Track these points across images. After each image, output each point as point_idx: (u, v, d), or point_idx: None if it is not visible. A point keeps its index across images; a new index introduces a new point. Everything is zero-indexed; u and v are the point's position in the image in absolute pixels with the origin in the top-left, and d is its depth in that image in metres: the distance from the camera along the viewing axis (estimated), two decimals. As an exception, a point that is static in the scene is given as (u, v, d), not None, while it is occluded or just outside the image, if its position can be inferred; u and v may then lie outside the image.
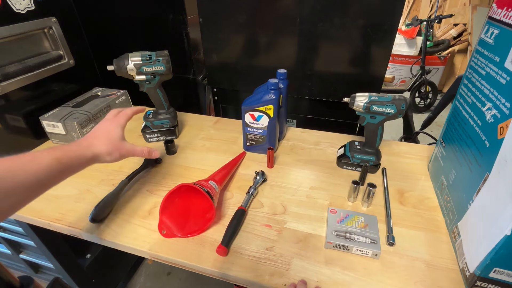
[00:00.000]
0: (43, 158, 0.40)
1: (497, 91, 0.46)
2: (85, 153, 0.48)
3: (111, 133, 0.53)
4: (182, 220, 0.57)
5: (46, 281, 0.49)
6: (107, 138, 0.52)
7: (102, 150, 0.51)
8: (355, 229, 0.54)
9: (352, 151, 0.71)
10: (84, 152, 0.48)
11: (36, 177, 0.38)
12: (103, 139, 0.52)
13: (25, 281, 0.24)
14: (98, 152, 0.50)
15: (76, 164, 0.46)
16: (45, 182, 0.41)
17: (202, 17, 0.93)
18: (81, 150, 0.47)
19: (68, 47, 0.90)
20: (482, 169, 0.46)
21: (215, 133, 0.89)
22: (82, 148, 0.48)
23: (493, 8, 0.50)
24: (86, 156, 0.48)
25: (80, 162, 0.47)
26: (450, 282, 0.47)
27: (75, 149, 0.47)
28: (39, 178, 0.39)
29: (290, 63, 0.93)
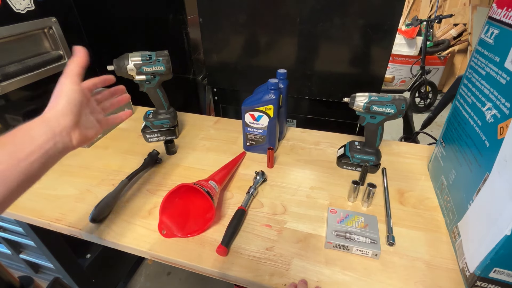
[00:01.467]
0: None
1: (497, 91, 0.46)
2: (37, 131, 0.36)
3: (66, 92, 0.40)
4: (182, 220, 0.57)
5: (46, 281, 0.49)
6: (64, 98, 0.40)
7: (58, 108, 0.39)
8: (355, 229, 0.54)
9: (352, 151, 0.71)
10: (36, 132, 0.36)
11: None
12: (61, 101, 0.39)
13: (25, 281, 0.23)
14: (50, 115, 0.38)
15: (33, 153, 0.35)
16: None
17: (202, 17, 0.93)
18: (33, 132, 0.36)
19: (68, 47, 0.90)
20: (482, 169, 0.46)
21: (215, 133, 0.89)
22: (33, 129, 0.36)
23: (493, 8, 0.50)
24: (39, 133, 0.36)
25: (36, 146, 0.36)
26: (450, 282, 0.47)
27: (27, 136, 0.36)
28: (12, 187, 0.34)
29: (290, 63, 0.93)
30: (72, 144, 0.40)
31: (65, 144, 0.39)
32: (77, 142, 0.41)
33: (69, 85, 0.41)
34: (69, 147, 0.40)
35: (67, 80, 0.41)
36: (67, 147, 0.40)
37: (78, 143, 0.41)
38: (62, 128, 0.39)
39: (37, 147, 0.36)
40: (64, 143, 0.39)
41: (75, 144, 0.41)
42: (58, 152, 0.39)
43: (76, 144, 0.41)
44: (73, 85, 0.41)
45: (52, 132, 0.38)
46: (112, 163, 0.76)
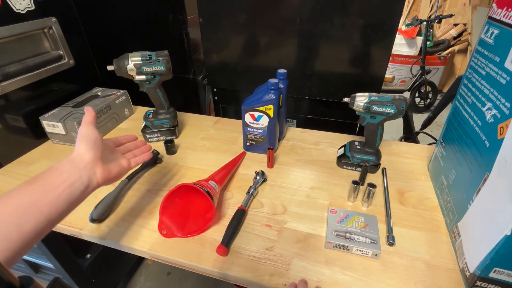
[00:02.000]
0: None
1: (497, 91, 0.46)
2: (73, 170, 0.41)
3: (84, 135, 0.46)
4: (182, 220, 0.57)
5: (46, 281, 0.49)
6: (84, 140, 0.45)
7: (81, 149, 0.44)
8: (355, 229, 0.54)
9: (352, 151, 0.71)
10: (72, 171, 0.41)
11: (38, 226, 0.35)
12: (81, 143, 0.45)
13: (25, 281, 0.23)
14: (86, 158, 0.43)
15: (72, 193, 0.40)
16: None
17: (202, 17, 0.93)
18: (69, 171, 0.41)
19: (68, 47, 0.90)
20: (482, 169, 0.46)
21: (215, 133, 0.89)
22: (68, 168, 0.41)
23: (493, 8, 0.50)
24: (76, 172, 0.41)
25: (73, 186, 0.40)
26: (450, 282, 0.47)
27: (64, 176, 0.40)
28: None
29: (290, 63, 0.93)
30: (97, 178, 0.44)
31: (90, 177, 0.43)
32: (101, 176, 0.45)
33: (86, 129, 0.47)
34: (94, 182, 0.44)
35: (83, 127, 0.47)
36: (92, 182, 0.43)
37: (102, 178, 0.45)
38: (85, 164, 0.43)
39: (63, 181, 0.40)
40: (89, 177, 0.43)
41: (99, 179, 0.44)
42: (84, 186, 0.42)
43: (100, 178, 0.44)
44: (89, 129, 0.47)
45: (77, 167, 0.42)
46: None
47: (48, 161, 0.78)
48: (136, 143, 0.59)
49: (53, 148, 0.83)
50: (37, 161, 0.78)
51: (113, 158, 0.50)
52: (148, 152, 0.58)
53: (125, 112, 0.97)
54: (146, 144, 0.60)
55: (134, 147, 0.57)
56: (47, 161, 0.77)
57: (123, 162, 0.51)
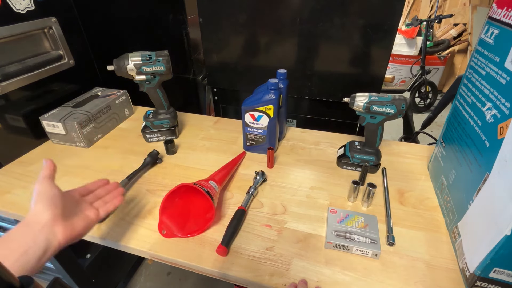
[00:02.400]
0: None
1: (497, 91, 0.46)
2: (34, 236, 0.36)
3: (40, 193, 0.41)
4: (182, 220, 0.57)
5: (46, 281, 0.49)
6: (40, 199, 0.40)
7: (36, 209, 0.39)
8: (355, 229, 0.54)
9: (352, 151, 0.71)
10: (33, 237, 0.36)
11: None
12: (37, 203, 0.40)
13: (25, 281, 0.23)
14: (45, 219, 0.38)
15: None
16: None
17: (202, 17, 0.93)
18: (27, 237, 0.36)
19: (68, 47, 0.90)
20: (482, 169, 0.46)
21: (215, 133, 0.89)
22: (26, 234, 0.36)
23: (493, 8, 0.50)
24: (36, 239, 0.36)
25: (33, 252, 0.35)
26: (450, 282, 0.47)
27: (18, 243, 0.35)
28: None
29: (290, 63, 0.93)
30: (57, 239, 0.39)
31: (48, 240, 0.38)
32: (63, 236, 0.40)
33: (42, 186, 0.41)
34: (54, 243, 0.39)
35: (39, 183, 0.42)
36: (51, 244, 0.38)
37: (65, 237, 0.40)
38: (42, 225, 0.38)
39: (13, 250, 0.35)
40: (47, 239, 0.38)
41: (61, 238, 0.39)
42: (41, 251, 0.37)
43: (62, 237, 0.39)
44: (45, 185, 0.41)
45: (32, 232, 0.37)
46: (112, 163, 0.76)
47: (48, 161, 0.77)
48: (107, 188, 0.53)
49: (53, 148, 0.83)
50: (37, 161, 0.78)
51: (78, 211, 0.44)
52: (120, 197, 0.52)
53: (125, 112, 0.97)
54: (119, 187, 0.55)
55: (105, 193, 0.52)
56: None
57: (89, 213, 0.45)
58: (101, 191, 0.52)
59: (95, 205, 0.48)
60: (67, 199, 0.43)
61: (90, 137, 0.83)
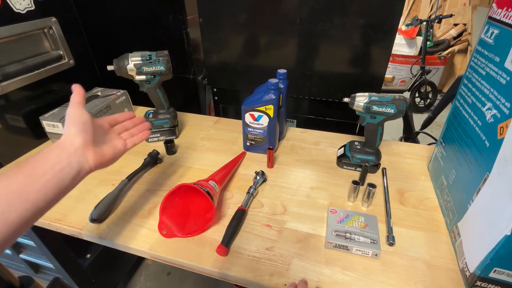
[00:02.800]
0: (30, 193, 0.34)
1: (497, 91, 0.46)
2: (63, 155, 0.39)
3: (72, 117, 0.43)
4: (182, 220, 0.57)
5: (46, 281, 0.49)
6: (73, 123, 0.42)
7: (70, 132, 0.42)
8: (355, 229, 0.54)
9: (352, 151, 0.71)
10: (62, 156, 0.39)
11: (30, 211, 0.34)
12: (70, 126, 0.42)
13: (25, 281, 0.23)
14: (76, 142, 0.41)
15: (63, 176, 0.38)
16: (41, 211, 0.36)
17: (202, 17, 0.93)
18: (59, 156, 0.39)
19: (68, 47, 0.90)
20: (482, 169, 0.46)
21: (215, 133, 0.89)
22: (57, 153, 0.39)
23: (493, 8, 0.50)
24: (66, 158, 0.39)
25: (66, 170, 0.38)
26: (450, 282, 0.47)
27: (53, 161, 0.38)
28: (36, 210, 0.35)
29: (290, 63, 0.93)
30: (89, 163, 0.42)
31: (81, 163, 0.40)
32: (93, 161, 0.42)
33: (74, 111, 0.43)
34: (85, 167, 0.41)
35: (71, 108, 0.44)
36: (83, 167, 0.41)
37: (95, 163, 0.42)
38: (75, 148, 0.40)
39: (51, 166, 0.37)
40: (80, 162, 0.40)
41: (92, 163, 0.42)
42: (75, 172, 0.40)
43: (92, 162, 0.42)
44: (77, 111, 0.44)
45: (66, 153, 0.39)
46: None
47: (48, 161, 0.78)
48: (134, 121, 0.55)
49: (53, 148, 0.83)
50: (37, 161, 0.78)
51: (107, 140, 0.47)
52: (147, 131, 0.55)
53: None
54: (145, 121, 0.56)
55: (132, 125, 0.54)
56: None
57: (118, 143, 0.48)
58: (129, 124, 0.54)
59: (123, 136, 0.51)
60: (97, 126, 0.46)
61: (90, 137, 0.83)
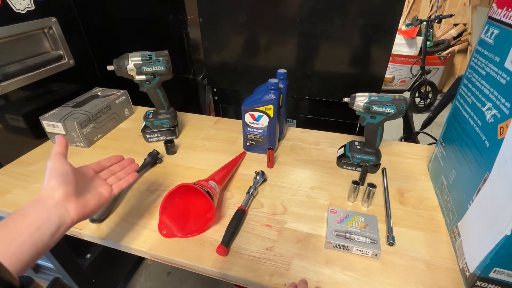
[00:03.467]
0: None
1: (497, 91, 0.46)
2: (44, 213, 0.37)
3: (52, 169, 0.41)
4: (182, 220, 0.57)
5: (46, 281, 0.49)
6: (53, 175, 0.40)
7: (50, 185, 0.39)
8: (355, 229, 0.54)
9: (352, 151, 0.71)
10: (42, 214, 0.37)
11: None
12: (51, 179, 0.40)
13: (25, 281, 0.23)
14: (57, 196, 0.39)
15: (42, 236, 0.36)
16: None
17: (202, 17, 0.93)
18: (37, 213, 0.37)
19: (68, 47, 0.90)
20: (482, 169, 0.46)
21: (215, 133, 0.89)
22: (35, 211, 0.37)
23: (493, 8, 0.50)
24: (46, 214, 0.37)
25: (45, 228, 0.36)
26: (450, 282, 0.47)
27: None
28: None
29: (290, 63, 0.93)
30: (70, 216, 0.40)
31: (61, 217, 0.38)
32: (75, 213, 0.40)
33: (55, 162, 0.41)
34: (67, 220, 0.39)
35: (52, 160, 0.42)
36: (64, 221, 0.39)
37: (77, 215, 0.40)
38: (55, 202, 0.38)
39: (28, 225, 0.35)
40: (60, 216, 0.38)
41: (74, 216, 0.40)
42: (54, 228, 0.37)
43: (74, 216, 0.40)
44: (58, 162, 0.42)
45: (45, 208, 0.37)
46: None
47: (48, 161, 0.78)
48: (122, 164, 0.53)
49: (53, 148, 0.83)
50: (37, 161, 0.78)
51: (91, 188, 0.45)
52: (134, 173, 0.53)
53: (125, 112, 0.97)
54: (133, 162, 0.55)
55: (120, 169, 0.52)
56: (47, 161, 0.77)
57: (103, 191, 0.46)
58: (116, 168, 0.52)
59: (109, 181, 0.49)
60: (79, 175, 0.44)
61: (90, 137, 0.83)
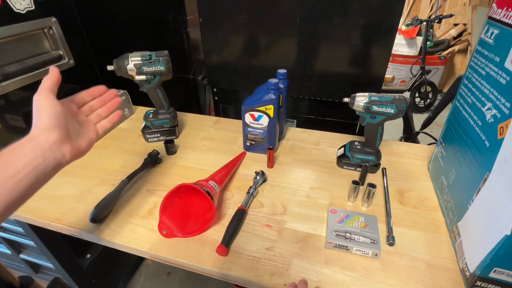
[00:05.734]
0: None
1: (497, 91, 0.46)
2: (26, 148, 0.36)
3: (43, 107, 0.40)
4: (182, 220, 0.57)
5: (46, 281, 0.49)
6: (45, 114, 0.39)
7: (42, 124, 0.38)
8: (355, 229, 0.54)
9: (352, 151, 0.71)
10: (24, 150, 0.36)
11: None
12: (42, 118, 0.39)
13: (25, 281, 0.23)
14: (37, 133, 0.38)
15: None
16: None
17: (202, 17, 0.93)
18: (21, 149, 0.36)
19: (68, 47, 0.90)
20: (482, 169, 0.46)
21: (215, 133, 0.89)
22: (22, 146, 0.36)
23: (493, 8, 0.50)
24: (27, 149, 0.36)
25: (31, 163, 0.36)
26: (450, 282, 0.47)
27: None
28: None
29: (290, 63, 0.93)
30: (65, 159, 0.40)
31: (57, 158, 0.39)
32: (70, 155, 0.41)
33: (45, 100, 0.40)
34: (62, 162, 0.40)
35: (41, 96, 0.41)
36: (60, 162, 0.39)
37: (71, 156, 0.41)
38: (51, 143, 0.38)
39: (25, 165, 0.35)
40: (56, 158, 0.38)
41: (68, 158, 0.40)
42: (51, 168, 0.38)
43: (69, 157, 0.40)
44: (49, 100, 0.40)
45: (40, 149, 0.37)
46: (112, 163, 0.76)
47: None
48: (103, 99, 0.50)
49: (53, 148, 0.83)
50: (37, 161, 0.78)
51: (81, 130, 0.44)
52: (118, 111, 0.50)
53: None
54: (116, 97, 0.52)
55: (100, 105, 0.50)
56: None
57: (91, 133, 0.46)
58: (96, 103, 0.50)
59: (91, 119, 0.48)
60: (68, 116, 0.43)
61: (90, 137, 0.83)
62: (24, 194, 0.35)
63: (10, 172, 0.34)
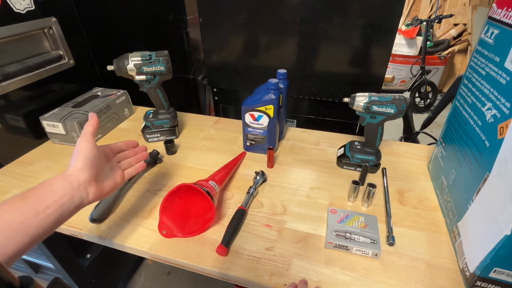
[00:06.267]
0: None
1: (497, 91, 0.46)
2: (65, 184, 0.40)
3: (82, 150, 0.44)
4: (182, 220, 0.57)
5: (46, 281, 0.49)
6: (82, 156, 0.43)
7: (77, 166, 0.42)
8: (355, 229, 0.54)
9: (352, 151, 0.71)
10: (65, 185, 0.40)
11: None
12: (79, 159, 0.43)
13: (25, 281, 0.23)
14: (73, 171, 0.42)
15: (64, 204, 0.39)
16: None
17: (202, 17, 0.93)
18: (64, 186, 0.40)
19: (68, 47, 0.90)
20: (482, 169, 0.46)
21: (215, 133, 0.89)
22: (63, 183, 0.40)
23: (493, 8, 0.50)
24: (68, 187, 0.40)
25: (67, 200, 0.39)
26: (450, 282, 0.47)
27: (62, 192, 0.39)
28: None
29: (290, 63, 0.93)
30: (88, 199, 0.43)
31: (82, 198, 0.41)
32: (93, 195, 0.43)
33: (85, 144, 0.44)
34: (85, 201, 0.42)
35: (83, 140, 0.45)
36: (83, 202, 0.42)
37: (94, 197, 0.43)
38: (80, 183, 0.41)
39: (55, 201, 0.38)
40: (81, 197, 0.41)
41: (91, 198, 0.43)
42: (74, 206, 0.40)
43: (92, 198, 0.43)
44: (88, 144, 0.44)
45: (70, 187, 0.40)
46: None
47: (48, 161, 0.78)
48: (136, 150, 0.56)
49: (53, 148, 0.83)
50: (37, 161, 0.78)
51: (109, 174, 0.48)
52: (143, 163, 0.56)
53: (125, 112, 0.97)
54: (145, 150, 0.58)
55: (132, 155, 0.56)
56: (47, 161, 0.77)
57: (117, 177, 0.49)
58: (130, 153, 0.55)
59: (122, 165, 0.52)
60: (102, 159, 0.47)
61: (90, 137, 0.83)
62: (48, 230, 0.37)
63: (41, 206, 0.36)
